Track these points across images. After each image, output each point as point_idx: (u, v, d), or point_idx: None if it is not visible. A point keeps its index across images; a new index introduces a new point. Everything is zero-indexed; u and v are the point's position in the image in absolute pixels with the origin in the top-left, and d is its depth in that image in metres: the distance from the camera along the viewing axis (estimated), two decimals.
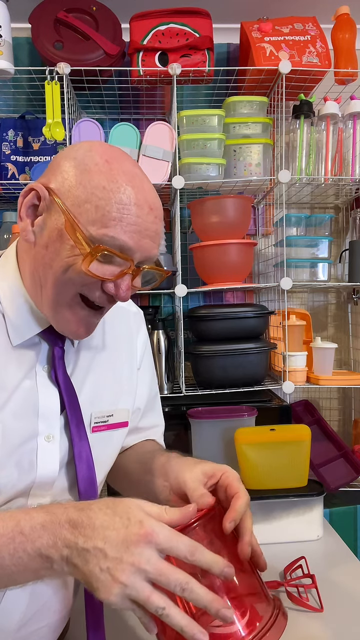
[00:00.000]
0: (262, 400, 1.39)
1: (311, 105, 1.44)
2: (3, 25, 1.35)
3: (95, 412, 0.76)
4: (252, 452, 1.15)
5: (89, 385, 0.75)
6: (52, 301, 0.65)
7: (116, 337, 0.83)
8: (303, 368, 1.49)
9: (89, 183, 0.61)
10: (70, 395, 0.71)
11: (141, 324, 0.92)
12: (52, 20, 1.41)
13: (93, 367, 0.77)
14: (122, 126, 1.36)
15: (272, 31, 1.45)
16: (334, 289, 1.79)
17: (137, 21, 1.43)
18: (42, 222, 0.64)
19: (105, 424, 0.77)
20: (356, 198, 1.67)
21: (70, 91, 1.41)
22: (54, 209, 0.63)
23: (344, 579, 1.01)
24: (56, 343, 0.71)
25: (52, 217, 0.63)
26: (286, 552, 1.09)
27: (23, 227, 0.65)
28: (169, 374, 1.42)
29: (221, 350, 1.40)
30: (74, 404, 0.71)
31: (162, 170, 1.37)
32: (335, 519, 1.32)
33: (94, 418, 0.75)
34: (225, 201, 1.45)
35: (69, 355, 0.74)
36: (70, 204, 0.61)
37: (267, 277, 1.70)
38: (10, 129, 1.51)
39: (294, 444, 1.16)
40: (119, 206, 0.61)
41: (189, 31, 1.43)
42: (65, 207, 0.61)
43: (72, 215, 0.61)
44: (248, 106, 1.45)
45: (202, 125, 1.41)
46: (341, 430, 1.77)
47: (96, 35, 1.41)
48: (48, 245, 0.63)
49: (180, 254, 1.45)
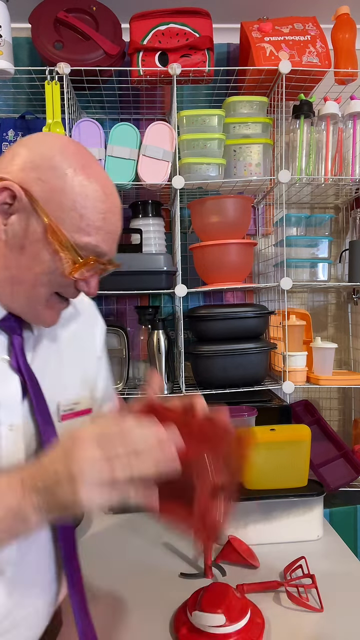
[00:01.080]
0: (262, 400, 1.39)
1: (311, 105, 1.44)
2: (3, 25, 1.35)
3: (62, 400, 0.76)
4: (252, 452, 1.15)
5: (52, 373, 0.75)
6: (28, 298, 0.68)
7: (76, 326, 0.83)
8: (303, 368, 1.48)
9: (71, 191, 0.64)
10: (33, 383, 0.71)
11: (97, 314, 0.93)
12: (52, 20, 1.41)
13: (54, 356, 0.77)
14: (122, 126, 1.36)
15: (272, 31, 1.45)
16: (334, 289, 1.79)
17: (137, 21, 1.43)
18: (17, 222, 0.65)
19: (72, 411, 0.77)
20: (356, 198, 1.67)
21: (70, 91, 1.41)
22: (31, 212, 0.64)
23: (344, 579, 1.01)
24: (15, 331, 0.71)
25: (29, 219, 0.64)
26: (286, 552, 1.09)
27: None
28: (169, 374, 1.42)
29: (221, 350, 1.40)
30: (37, 392, 0.71)
31: (162, 170, 1.37)
32: (335, 519, 1.32)
33: (61, 406, 0.76)
34: (225, 201, 1.45)
35: (29, 344, 0.74)
36: (52, 209, 0.63)
37: (267, 277, 1.70)
38: (10, 129, 1.51)
39: (294, 444, 1.16)
40: (100, 215, 0.65)
41: (189, 31, 1.43)
42: (47, 213, 0.63)
43: (55, 221, 0.63)
44: (248, 106, 1.45)
45: (202, 125, 1.41)
46: (341, 430, 1.77)
47: (96, 35, 1.41)
48: (24, 246, 0.65)
49: (180, 254, 1.45)
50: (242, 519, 1.14)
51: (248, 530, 1.14)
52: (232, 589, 0.89)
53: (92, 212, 0.65)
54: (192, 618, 0.85)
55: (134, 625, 0.89)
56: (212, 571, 1.04)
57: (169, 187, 1.41)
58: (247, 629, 0.83)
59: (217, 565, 1.06)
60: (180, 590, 0.96)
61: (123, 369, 1.46)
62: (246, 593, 0.95)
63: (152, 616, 0.91)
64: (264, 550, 1.11)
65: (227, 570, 1.04)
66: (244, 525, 1.14)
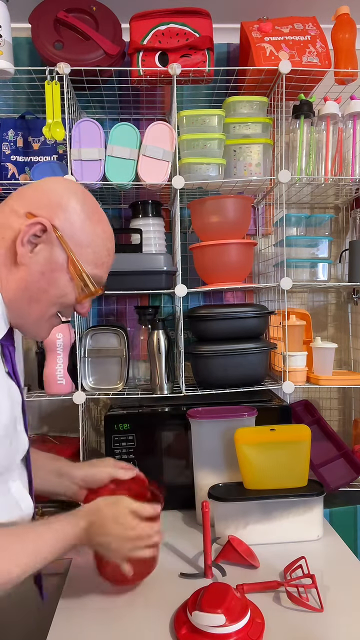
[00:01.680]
0: (262, 400, 1.39)
1: (311, 105, 1.44)
2: (3, 25, 1.35)
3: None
4: (252, 452, 1.15)
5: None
6: (39, 315, 0.81)
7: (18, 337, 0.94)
8: (303, 368, 1.49)
9: (90, 230, 0.80)
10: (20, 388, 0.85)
11: None
12: (52, 20, 1.41)
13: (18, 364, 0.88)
14: (122, 126, 1.36)
15: (272, 31, 1.45)
16: (334, 289, 1.79)
17: (137, 21, 1.43)
18: (41, 251, 0.77)
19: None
20: (356, 198, 1.67)
21: (70, 91, 1.41)
22: (55, 244, 0.78)
23: (344, 579, 1.01)
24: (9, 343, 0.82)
25: (53, 250, 0.78)
26: (286, 552, 1.09)
27: (22, 252, 0.76)
28: (169, 374, 1.42)
29: (221, 350, 1.40)
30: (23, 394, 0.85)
31: (162, 170, 1.37)
32: (335, 519, 1.32)
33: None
34: (225, 201, 1.45)
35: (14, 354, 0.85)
36: (73, 244, 0.79)
37: (267, 277, 1.70)
38: (10, 129, 1.51)
39: (294, 444, 1.16)
40: (107, 252, 0.83)
41: (189, 31, 1.43)
42: (69, 247, 0.78)
43: (74, 254, 0.79)
44: (248, 106, 1.45)
45: (202, 125, 1.41)
46: (341, 430, 1.78)
47: (96, 35, 1.41)
48: (44, 272, 0.78)
49: (180, 254, 1.45)
50: (242, 519, 1.14)
51: (248, 530, 1.14)
52: (232, 589, 0.89)
53: (102, 249, 0.82)
54: (192, 618, 0.85)
55: (134, 625, 0.89)
56: (212, 571, 1.04)
57: (169, 187, 1.41)
58: (247, 629, 0.83)
59: (217, 565, 1.06)
60: (180, 590, 0.96)
61: (123, 369, 1.46)
62: (246, 593, 0.95)
63: (152, 616, 0.91)
64: (264, 550, 1.11)
65: (227, 570, 1.04)
66: (244, 525, 1.14)
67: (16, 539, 0.77)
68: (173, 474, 1.34)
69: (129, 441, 1.33)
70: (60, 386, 1.42)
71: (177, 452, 1.34)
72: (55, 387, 1.42)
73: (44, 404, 1.70)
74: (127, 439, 1.33)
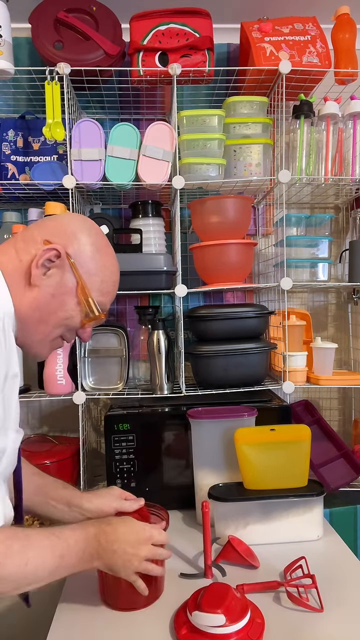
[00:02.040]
0: (262, 400, 1.39)
1: (311, 105, 1.44)
2: (3, 25, 1.35)
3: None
4: (252, 452, 1.15)
5: None
6: (44, 336, 0.86)
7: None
8: (303, 368, 1.49)
9: (100, 261, 0.87)
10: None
11: None
12: (52, 20, 1.41)
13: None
14: (122, 126, 1.36)
15: (272, 31, 1.45)
16: (334, 289, 1.79)
17: (137, 21, 1.43)
18: (53, 275, 0.83)
19: None
20: (356, 198, 1.67)
21: (70, 91, 1.41)
22: (67, 270, 0.84)
23: (344, 579, 1.01)
24: None
25: (64, 274, 0.84)
26: (286, 552, 1.09)
27: (36, 273, 0.82)
28: (169, 374, 1.42)
29: (221, 350, 1.40)
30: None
31: (162, 170, 1.37)
32: (335, 519, 1.32)
33: None
34: (225, 201, 1.45)
35: None
36: (83, 271, 0.85)
37: (267, 277, 1.70)
38: (10, 129, 1.51)
39: (294, 444, 1.16)
40: (113, 282, 0.90)
41: (189, 31, 1.43)
42: (79, 273, 0.85)
43: (83, 280, 0.85)
44: (248, 106, 1.45)
45: (202, 126, 1.41)
46: (341, 430, 1.78)
47: (96, 35, 1.41)
48: (55, 295, 0.84)
49: (180, 254, 1.45)
50: (242, 519, 1.14)
51: (248, 530, 1.14)
52: (232, 589, 0.89)
53: (109, 279, 0.88)
54: (192, 618, 0.85)
55: (134, 625, 0.89)
56: (212, 571, 1.04)
57: (169, 187, 1.41)
58: (247, 629, 0.83)
59: (217, 565, 1.06)
60: (180, 590, 0.96)
61: (123, 369, 1.46)
62: (246, 593, 0.95)
63: (152, 616, 0.91)
64: (264, 550, 1.11)
65: (227, 570, 1.04)
66: (244, 525, 1.14)
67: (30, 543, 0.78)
68: (173, 474, 1.34)
69: (129, 441, 1.33)
70: (60, 386, 1.42)
71: (177, 452, 1.34)
72: (56, 387, 1.42)
73: (44, 404, 1.70)
74: (127, 439, 1.33)
